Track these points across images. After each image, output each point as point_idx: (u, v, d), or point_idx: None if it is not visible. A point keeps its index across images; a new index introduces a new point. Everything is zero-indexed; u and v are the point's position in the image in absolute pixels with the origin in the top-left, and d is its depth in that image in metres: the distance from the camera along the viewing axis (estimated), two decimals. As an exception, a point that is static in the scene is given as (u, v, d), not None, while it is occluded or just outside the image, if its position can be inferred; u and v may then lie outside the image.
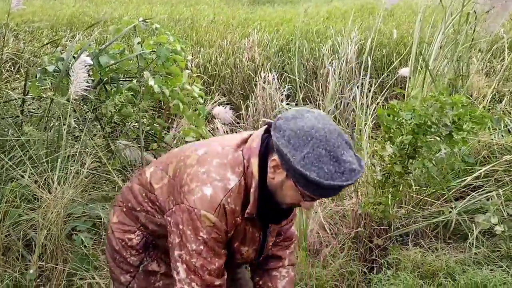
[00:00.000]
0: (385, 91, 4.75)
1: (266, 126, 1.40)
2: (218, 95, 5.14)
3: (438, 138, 2.49)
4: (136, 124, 3.27)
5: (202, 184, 1.34)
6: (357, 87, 4.34)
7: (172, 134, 4.17)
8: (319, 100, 4.98)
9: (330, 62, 5.20)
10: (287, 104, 4.77)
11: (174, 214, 1.39)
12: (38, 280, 2.37)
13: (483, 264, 2.62)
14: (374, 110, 3.95)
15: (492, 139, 3.50)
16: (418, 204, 3.21)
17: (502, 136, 3.62)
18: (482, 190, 3.15)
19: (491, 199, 3.00)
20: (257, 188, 1.35)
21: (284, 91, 4.91)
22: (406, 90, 3.86)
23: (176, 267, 1.39)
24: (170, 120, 4.16)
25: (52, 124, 2.83)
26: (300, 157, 1.22)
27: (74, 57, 2.79)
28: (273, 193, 1.36)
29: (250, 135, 1.43)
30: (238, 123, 4.91)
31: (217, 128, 4.82)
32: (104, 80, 3.03)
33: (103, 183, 2.98)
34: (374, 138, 3.44)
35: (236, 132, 4.74)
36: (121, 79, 3.19)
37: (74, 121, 2.81)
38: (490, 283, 2.33)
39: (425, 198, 3.19)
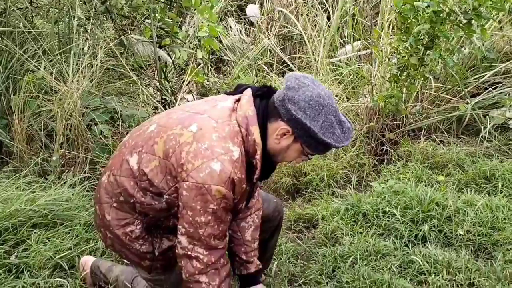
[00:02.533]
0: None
1: (249, 91, 1.47)
2: (230, -9, 4.91)
3: (456, 27, 2.39)
4: (148, 20, 3.18)
5: (208, 160, 1.37)
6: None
7: (185, 30, 4.07)
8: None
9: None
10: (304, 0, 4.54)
11: (177, 193, 1.43)
12: (62, 167, 2.50)
13: (494, 156, 2.66)
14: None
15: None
16: (434, 102, 3.19)
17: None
18: (501, 86, 3.09)
19: (509, 95, 2.96)
20: (261, 155, 1.45)
21: (300, -14, 4.64)
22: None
23: (180, 237, 1.44)
24: (182, 16, 4.03)
25: (62, 16, 2.79)
26: (319, 127, 1.40)
27: None
28: (272, 155, 1.49)
29: (235, 102, 1.48)
30: (251, 22, 4.74)
31: (230, 26, 4.68)
32: (112, -31, 2.90)
33: (117, 78, 3.00)
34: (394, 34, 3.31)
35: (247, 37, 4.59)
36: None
37: (84, 14, 2.75)
38: (498, 172, 2.38)
39: (441, 95, 3.15)
